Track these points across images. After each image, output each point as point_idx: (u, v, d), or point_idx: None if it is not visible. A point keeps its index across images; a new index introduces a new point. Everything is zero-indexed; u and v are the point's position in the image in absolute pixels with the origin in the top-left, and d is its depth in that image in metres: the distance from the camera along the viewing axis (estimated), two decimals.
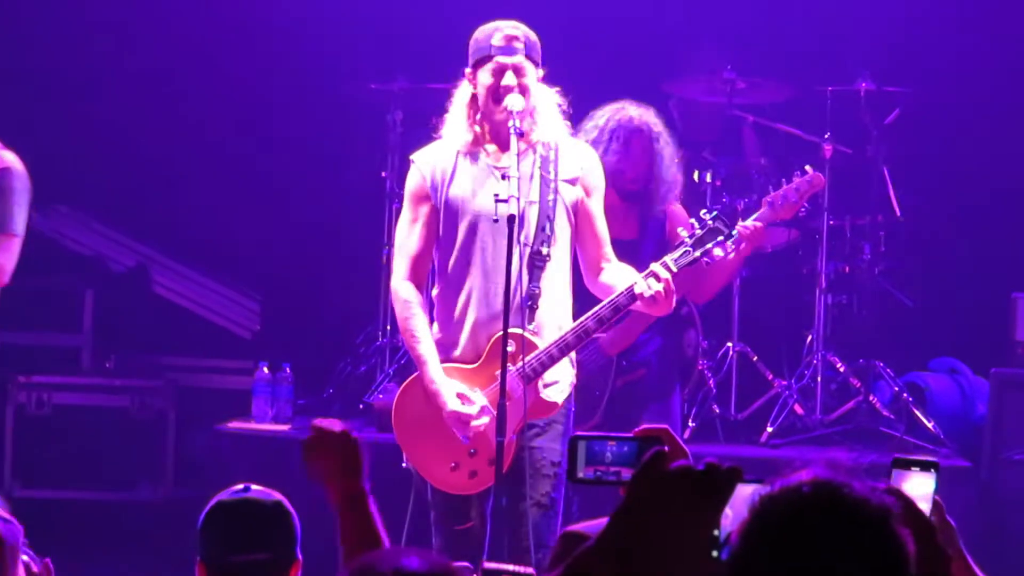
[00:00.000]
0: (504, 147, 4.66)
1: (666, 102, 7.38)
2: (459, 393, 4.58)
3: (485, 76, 4.63)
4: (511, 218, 4.40)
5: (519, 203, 4.47)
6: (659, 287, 4.52)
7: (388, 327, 7.37)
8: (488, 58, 4.63)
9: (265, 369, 7.18)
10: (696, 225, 4.68)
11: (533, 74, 4.65)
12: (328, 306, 8.13)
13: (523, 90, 4.61)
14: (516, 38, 4.63)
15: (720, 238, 4.66)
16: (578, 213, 4.71)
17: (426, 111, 4.93)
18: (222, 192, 8.31)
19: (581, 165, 4.74)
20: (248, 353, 7.87)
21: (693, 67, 7.66)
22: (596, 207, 4.75)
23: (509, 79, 4.60)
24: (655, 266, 4.57)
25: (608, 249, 4.76)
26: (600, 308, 4.59)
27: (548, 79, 4.75)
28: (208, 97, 8.38)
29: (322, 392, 7.51)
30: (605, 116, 5.94)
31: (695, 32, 7.92)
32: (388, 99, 7.61)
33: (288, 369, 7.20)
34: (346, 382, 7.51)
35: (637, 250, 4.62)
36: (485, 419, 4.56)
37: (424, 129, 4.88)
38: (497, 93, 4.61)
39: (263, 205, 8.33)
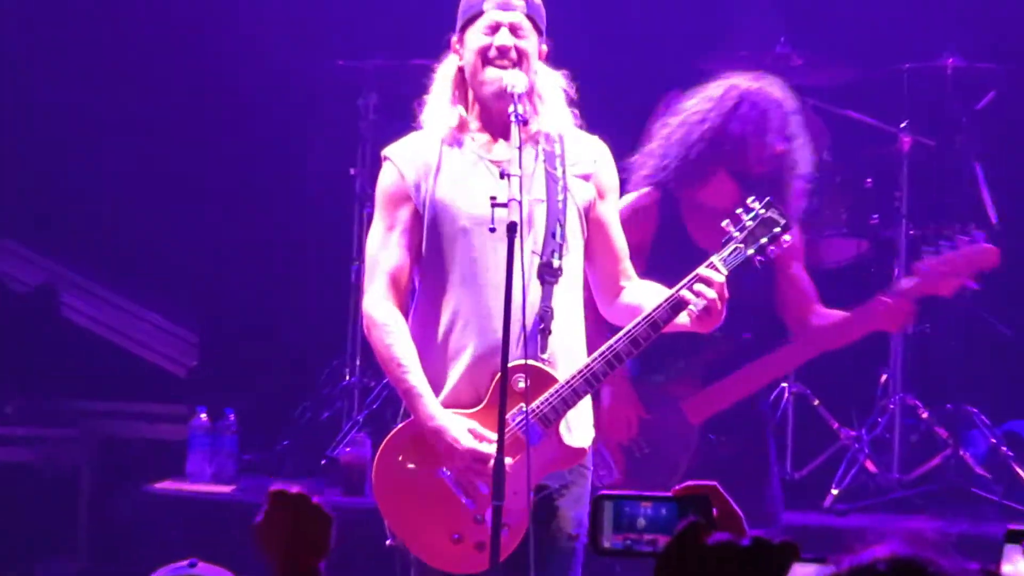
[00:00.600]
0: (496, 134, 4.61)
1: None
2: (470, 429, 4.46)
3: (475, 36, 4.57)
4: (511, 226, 4.31)
5: (521, 208, 4.39)
6: (711, 293, 4.42)
7: (358, 362, 7.43)
8: (480, 14, 4.58)
9: (203, 416, 7.19)
10: (745, 216, 4.56)
11: (534, 39, 4.59)
12: (283, 337, 8.18)
13: (521, 55, 4.53)
14: None
15: (776, 230, 4.56)
16: (590, 218, 4.65)
17: (406, 95, 4.86)
18: (150, 195, 8.29)
19: (593, 159, 4.68)
20: (183, 395, 7.90)
21: (737, 40, 7.73)
22: (610, 211, 4.69)
23: (504, 37, 4.54)
24: (703, 269, 4.48)
25: (627, 264, 4.70)
26: (635, 326, 4.49)
27: (561, 58, 4.68)
28: (132, 78, 8.36)
29: (274, 444, 7.53)
30: (722, 87, 5.75)
31: None
32: (360, 79, 7.70)
33: (232, 416, 7.22)
34: (304, 432, 7.53)
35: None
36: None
37: (403, 117, 4.85)
38: (488, 55, 4.54)
39: (203, 211, 8.32)
